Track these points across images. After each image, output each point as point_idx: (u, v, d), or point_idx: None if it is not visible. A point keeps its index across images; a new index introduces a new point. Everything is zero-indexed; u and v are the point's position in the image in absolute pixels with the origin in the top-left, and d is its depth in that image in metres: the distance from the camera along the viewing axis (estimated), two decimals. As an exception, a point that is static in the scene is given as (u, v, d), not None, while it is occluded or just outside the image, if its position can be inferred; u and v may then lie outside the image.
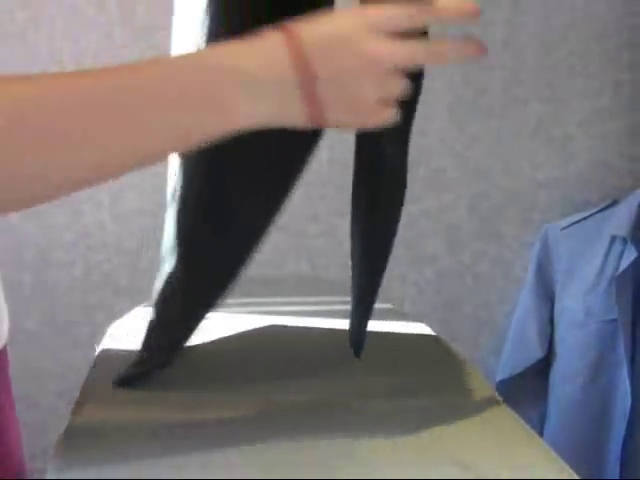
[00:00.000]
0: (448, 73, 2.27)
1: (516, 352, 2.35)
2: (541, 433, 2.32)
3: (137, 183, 2.22)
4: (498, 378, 2.34)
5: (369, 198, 0.95)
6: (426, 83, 0.84)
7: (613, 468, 2.19)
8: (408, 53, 0.73)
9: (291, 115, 0.73)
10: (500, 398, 0.94)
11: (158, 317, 0.95)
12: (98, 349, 1.13)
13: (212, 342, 1.12)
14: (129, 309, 1.34)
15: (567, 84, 2.37)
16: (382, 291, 0.96)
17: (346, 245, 0.96)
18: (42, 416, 2.23)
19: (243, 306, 1.31)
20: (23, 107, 0.66)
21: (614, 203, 2.30)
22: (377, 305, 1.00)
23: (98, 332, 1.20)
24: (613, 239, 2.20)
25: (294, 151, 0.87)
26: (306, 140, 0.85)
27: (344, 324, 1.06)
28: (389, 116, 0.74)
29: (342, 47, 0.71)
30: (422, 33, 0.77)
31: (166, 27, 2.19)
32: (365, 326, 1.02)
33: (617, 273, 2.15)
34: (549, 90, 2.37)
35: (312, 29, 0.72)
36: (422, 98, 0.84)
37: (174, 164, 0.92)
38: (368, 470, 0.75)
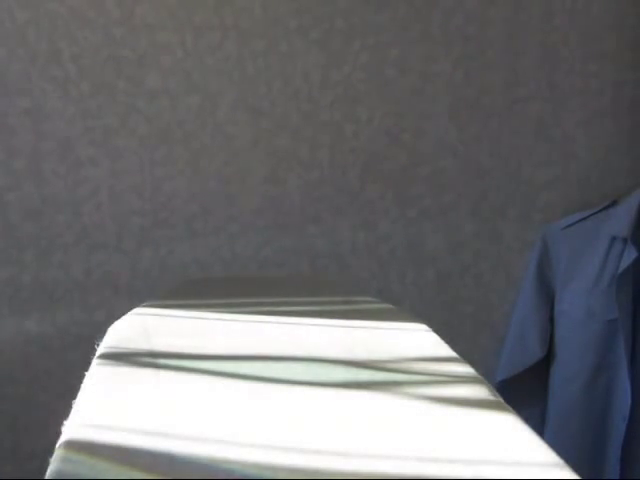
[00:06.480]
0: (448, 73, 2.27)
1: (516, 352, 2.35)
2: (541, 433, 2.32)
3: (137, 183, 2.22)
4: (498, 378, 2.34)
5: None
6: (426, 83, 0.84)
7: (613, 468, 2.19)
8: None
9: None
10: (500, 398, 0.94)
11: None
12: (98, 349, 1.13)
13: (212, 341, 1.12)
14: (129, 309, 1.34)
15: (567, 84, 2.37)
16: (382, 291, 0.95)
17: (346, 245, 0.96)
18: (42, 416, 2.23)
19: (243, 306, 1.31)
20: None
21: (614, 203, 2.30)
22: (377, 305, 1.00)
23: (98, 332, 1.20)
24: (613, 239, 2.20)
25: None
26: None
27: (344, 324, 1.06)
28: None
29: None
30: None
31: (166, 27, 2.20)
32: None
33: (617, 273, 2.15)
34: (549, 90, 2.37)
35: None
36: (422, 98, 0.84)
37: None
38: (368, 470, 0.75)
